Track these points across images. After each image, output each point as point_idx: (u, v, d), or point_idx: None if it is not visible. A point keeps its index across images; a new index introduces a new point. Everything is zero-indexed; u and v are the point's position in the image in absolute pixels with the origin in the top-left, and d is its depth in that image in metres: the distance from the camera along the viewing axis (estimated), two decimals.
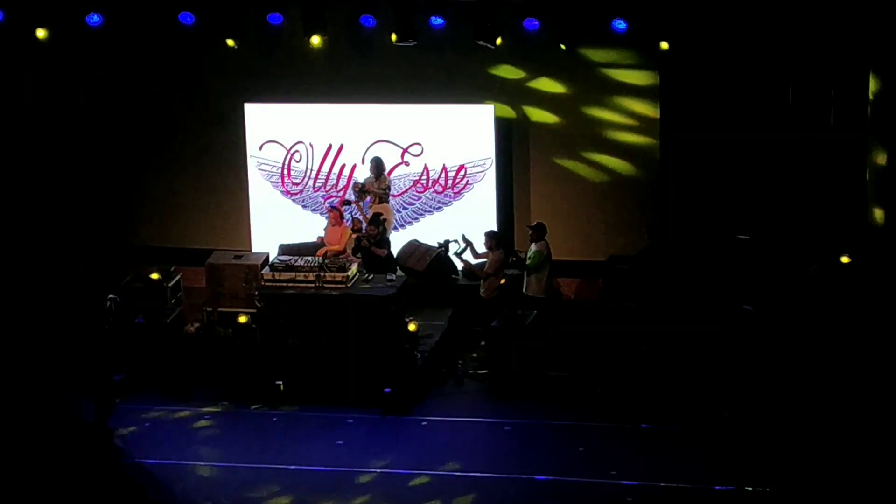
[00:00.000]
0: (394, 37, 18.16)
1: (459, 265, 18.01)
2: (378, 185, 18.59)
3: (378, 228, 17.85)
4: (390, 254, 18.02)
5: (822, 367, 15.25)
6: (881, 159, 17.60)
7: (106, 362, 15.19)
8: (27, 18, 18.45)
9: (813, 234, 17.86)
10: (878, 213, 17.69)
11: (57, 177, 19.93)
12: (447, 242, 17.85)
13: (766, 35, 17.49)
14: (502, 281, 17.25)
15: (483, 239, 17.32)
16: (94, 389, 15.02)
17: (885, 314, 15.83)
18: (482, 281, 17.20)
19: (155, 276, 17.49)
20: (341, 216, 18.38)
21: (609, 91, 18.77)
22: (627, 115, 18.80)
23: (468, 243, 17.41)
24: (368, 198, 18.65)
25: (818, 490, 13.44)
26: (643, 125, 18.75)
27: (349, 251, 17.94)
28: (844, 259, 17.00)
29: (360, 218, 18.39)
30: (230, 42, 18.50)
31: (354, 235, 18.11)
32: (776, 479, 13.65)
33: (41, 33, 18.42)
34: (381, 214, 18.23)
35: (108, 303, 16.26)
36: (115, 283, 17.39)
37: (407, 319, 16.23)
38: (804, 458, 13.98)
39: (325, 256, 17.07)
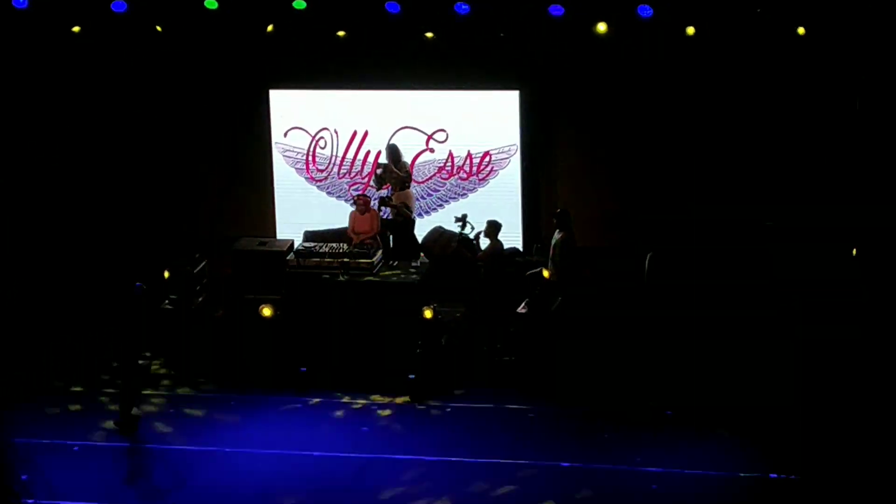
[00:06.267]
0: (429, 35, 18.21)
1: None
2: (398, 169, 18.55)
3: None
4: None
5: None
6: None
7: (132, 348, 15.28)
8: (53, 7, 18.47)
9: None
10: None
11: (81, 167, 19.99)
12: (465, 217, 17.70)
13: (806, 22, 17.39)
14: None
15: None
16: (119, 375, 15.16)
17: None
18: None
19: (167, 274, 17.42)
20: (369, 202, 18.29)
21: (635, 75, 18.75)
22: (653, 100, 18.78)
23: (463, 219, 17.41)
24: (389, 186, 18.62)
25: (847, 477, 13.40)
26: (668, 110, 18.73)
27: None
28: None
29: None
30: (269, 28, 18.48)
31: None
32: (803, 466, 13.63)
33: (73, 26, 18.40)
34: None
35: (136, 290, 16.32)
36: (142, 271, 17.42)
37: (425, 307, 16.18)
38: (831, 445, 13.95)
39: (358, 244, 17.00)
